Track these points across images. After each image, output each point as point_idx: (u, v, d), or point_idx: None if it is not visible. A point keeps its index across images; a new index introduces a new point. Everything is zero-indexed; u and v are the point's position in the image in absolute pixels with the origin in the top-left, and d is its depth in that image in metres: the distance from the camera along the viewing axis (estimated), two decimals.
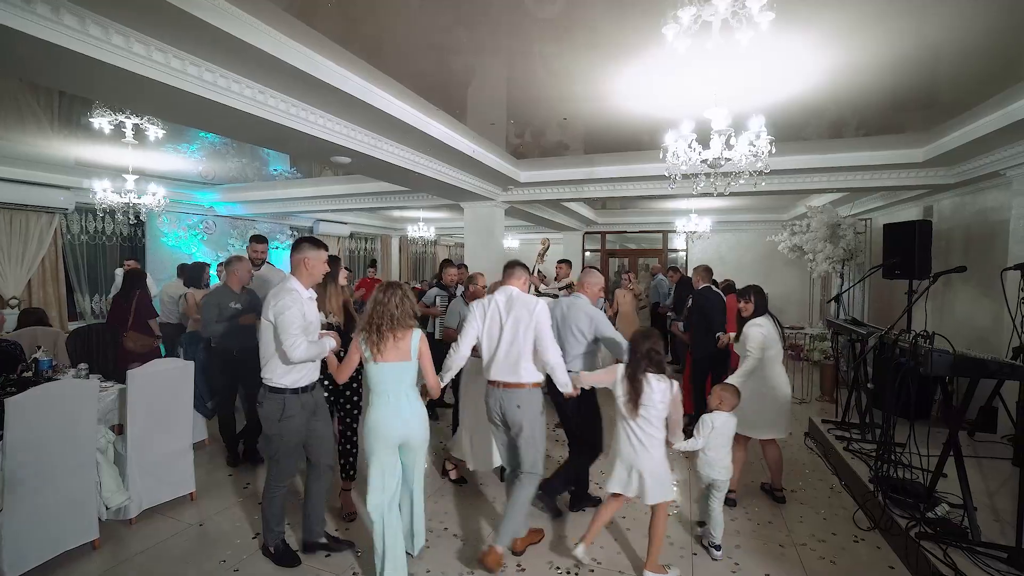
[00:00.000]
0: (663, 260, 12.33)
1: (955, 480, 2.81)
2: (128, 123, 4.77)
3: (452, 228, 13.25)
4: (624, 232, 12.71)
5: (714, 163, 2.98)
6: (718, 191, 3.25)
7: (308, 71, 2.96)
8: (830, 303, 7.85)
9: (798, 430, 4.89)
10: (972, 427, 4.32)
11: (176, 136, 5.43)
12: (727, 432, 2.91)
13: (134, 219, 5.81)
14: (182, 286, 5.51)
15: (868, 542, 3.06)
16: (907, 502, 3.05)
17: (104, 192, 5.36)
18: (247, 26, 2.54)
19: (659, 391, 2.53)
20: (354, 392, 3.23)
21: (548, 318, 2.81)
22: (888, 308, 7.25)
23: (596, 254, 13.06)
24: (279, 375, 2.58)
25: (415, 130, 4.16)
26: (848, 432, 4.32)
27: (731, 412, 2.95)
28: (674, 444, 2.73)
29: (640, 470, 2.56)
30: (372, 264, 9.80)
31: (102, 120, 4.63)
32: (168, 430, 3.30)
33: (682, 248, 12.32)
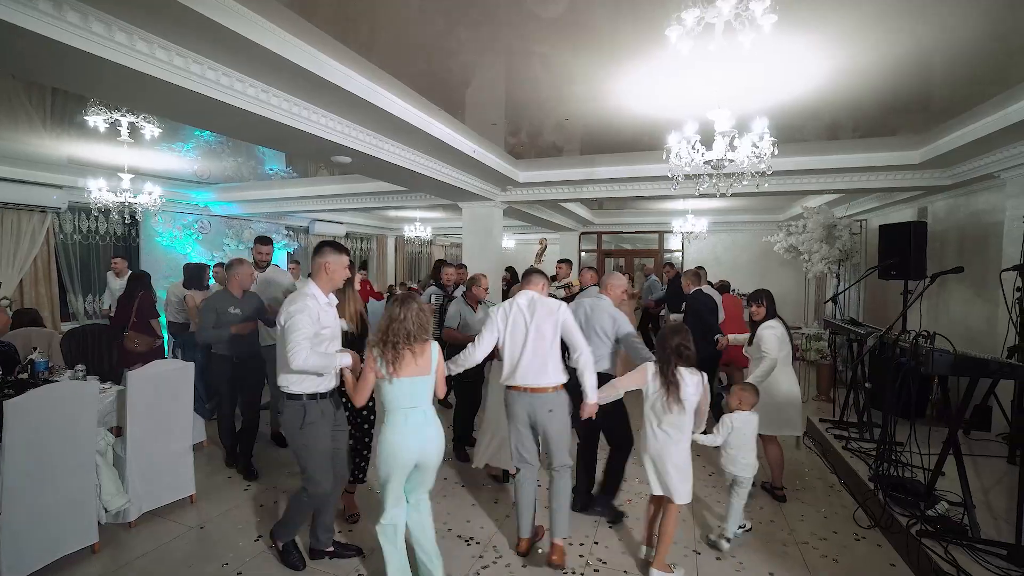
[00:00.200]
0: (659, 260, 12.38)
1: (953, 478, 2.84)
2: (124, 121, 4.71)
3: (448, 228, 13.21)
4: (620, 232, 12.73)
5: (717, 164, 3.00)
6: (721, 192, 3.27)
7: (312, 69, 2.94)
8: (827, 303, 7.92)
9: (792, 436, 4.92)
10: (967, 426, 4.37)
11: (171, 135, 5.37)
12: (749, 431, 2.98)
13: (129, 219, 5.75)
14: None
15: (869, 540, 3.08)
16: (907, 500, 3.09)
17: (100, 191, 5.28)
18: (252, 24, 2.52)
19: (692, 384, 2.59)
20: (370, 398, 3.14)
21: (572, 316, 2.80)
22: (883, 308, 7.32)
23: (592, 254, 13.07)
24: (294, 381, 2.50)
25: (417, 130, 4.14)
26: (846, 431, 4.36)
27: (751, 411, 3.02)
28: (694, 436, 2.77)
29: (666, 463, 2.61)
30: (363, 266, 9.43)
31: (97, 118, 4.57)
32: (168, 432, 3.26)
33: (678, 248, 12.36)
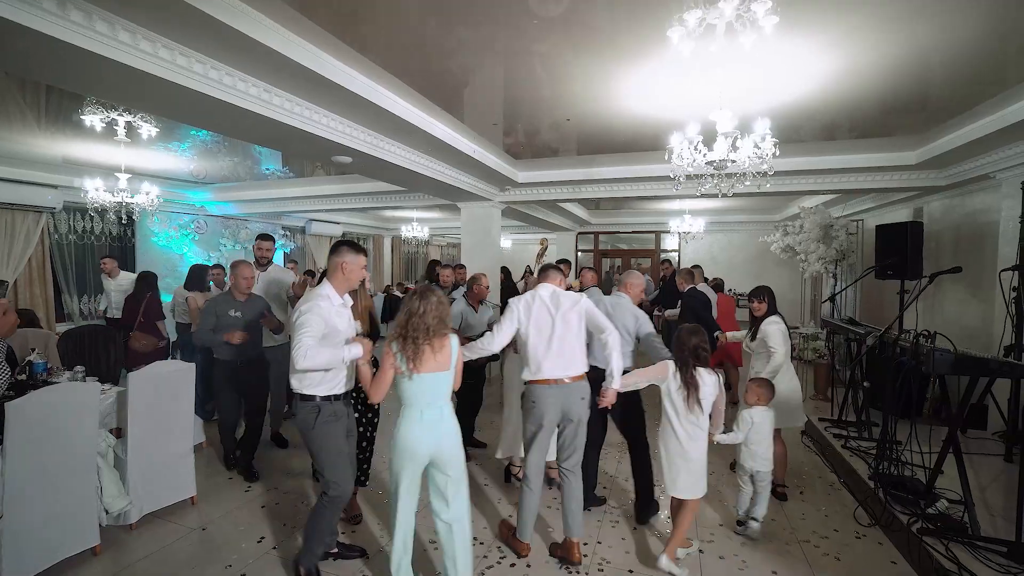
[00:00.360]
0: (655, 260, 12.43)
1: (951, 476, 2.87)
2: (121, 121, 4.67)
3: (445, 228, 13.20)
4: (617, 232, 12.76)
5: (720, 165, 3.02)
6: (723, 192, 3.29)
7: (314, 69, 2.93)
8: (825, 303, 7.97)
9: (795, 428, 4.95)
10: (964, 424, 4.42)
11: (167, 134, 5.33)
12: (768, 425, 3.06)
13: (126, 219, 5.70)
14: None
15: (870, 538, 3.11)
16: (907, 498, 3.11)
17: (97, 191, 5.24)
18: (255, 22, 2.51)
19: (709, 384, 2.66)
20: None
21: (593, 304, 2.80)
22: (878, 308, 7.38)
23: (589, 254, 13.10)
24: (308, 384, 2.43)
25: (418, 130, 4.14)
26: (845, 430, 4.39)
27: (768, 406, 3.09)
28: (715, 436, 2.83)
29: (684, 460, 2.66)
30: None
31: (94, 117, 4.52)
32: (169, 433, 3.24)
33: (674, 248, 12.42)
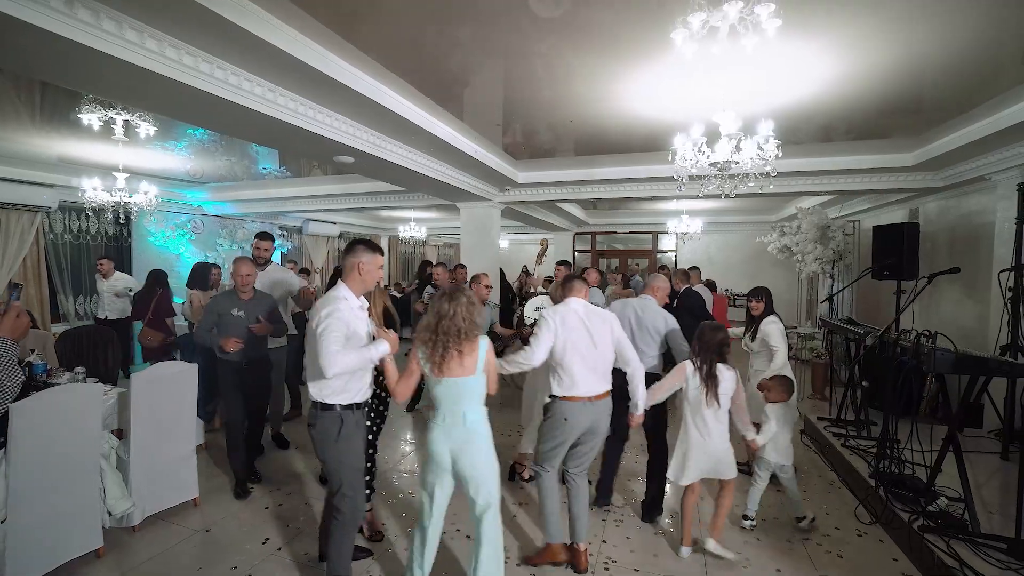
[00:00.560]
0: (652, 260, 12.47)
1: (950, 474, 2.90)
2: (118, 119, 4.63)
3: (442, 228, 13.19)
4: (614, 233, 12.80)
5: (723, 166, 3.04)
6: (725, 193, 3.32)
7: (320, 68, 2.93)
8: (823, 303, 8.03)
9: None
10: (960, 423, 4.47)
11: (164, 133, 5.29)
12: (790, 420, 3.17)
13: (123, 218, 5.66)
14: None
15: (871, 536, 3.14)
16: (907, 496, 3.14)
17: (94, 191, 5.20)
18: (261, 21, 2.50)
19: (729, 379, 2.77)
20: (380, 401, 3.00)
21: (621, 329, 2.80)
22: (875, 308, 7.45)
23: (586, 255, 13.13)
24: (329, 393, 2.29)
25: (420, 130, 4.14)
26: (844, 429, 4.43)
27: (788, 401, 3.18)
28: (748, 437, 2.93)
29: (715, 452, 2.77)
30: None
31: (91, 116, 4.48)
32: (171, 434, 3.22)
33: (671, 249, 12.47)
